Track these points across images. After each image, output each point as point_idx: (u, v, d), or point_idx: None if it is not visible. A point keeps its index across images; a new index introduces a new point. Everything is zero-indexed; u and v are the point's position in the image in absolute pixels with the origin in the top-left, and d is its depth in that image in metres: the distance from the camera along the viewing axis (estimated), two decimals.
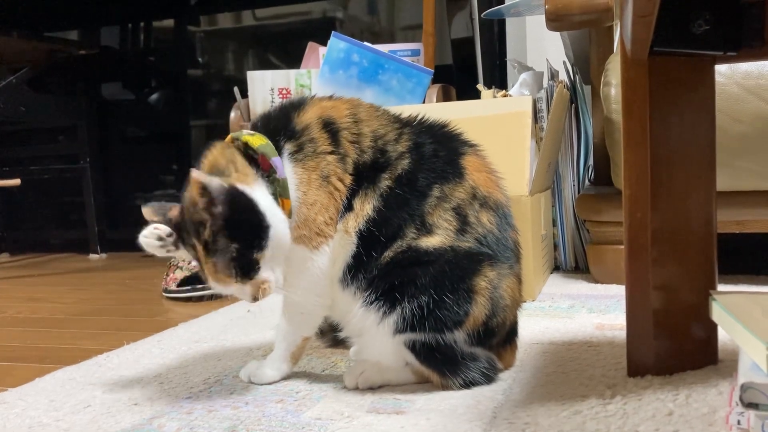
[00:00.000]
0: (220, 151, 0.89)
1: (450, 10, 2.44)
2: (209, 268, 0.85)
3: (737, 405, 0.64)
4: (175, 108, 3.00)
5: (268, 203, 0.86)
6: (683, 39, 0.81)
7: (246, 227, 0.83)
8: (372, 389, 0.90)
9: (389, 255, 0.87)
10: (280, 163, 0.88)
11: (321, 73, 1.79)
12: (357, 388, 0.90)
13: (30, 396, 0.97)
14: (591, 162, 1.82)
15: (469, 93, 1.88)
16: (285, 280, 0.89)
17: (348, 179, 0.89)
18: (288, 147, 0.90)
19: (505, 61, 2.26)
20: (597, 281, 1.59)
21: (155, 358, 1.13)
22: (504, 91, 1.69)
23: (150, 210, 0.91)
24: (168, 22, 3.02)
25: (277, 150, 0.89)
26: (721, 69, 1.31)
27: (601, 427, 0.73)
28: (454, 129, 0.96)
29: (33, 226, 3.11)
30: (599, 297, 1.43)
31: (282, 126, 0.91)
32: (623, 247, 0.90)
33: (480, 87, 1.75)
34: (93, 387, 0.99)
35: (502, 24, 2.32)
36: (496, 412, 0.80)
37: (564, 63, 1.93)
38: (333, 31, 1.79)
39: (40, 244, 3.08)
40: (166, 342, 1.24)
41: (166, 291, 1.75)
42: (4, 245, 3.06)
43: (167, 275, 1.76)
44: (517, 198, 1.35)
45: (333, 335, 1.06)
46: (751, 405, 0.63)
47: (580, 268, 1.77)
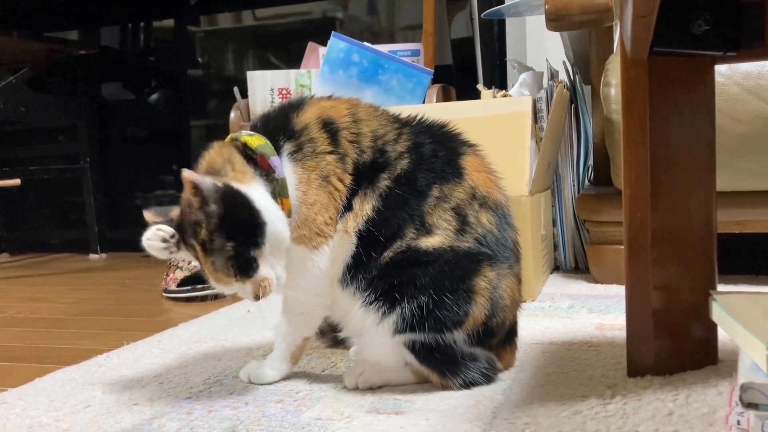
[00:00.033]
0: (217, 151, 0.89)
1: (450, 10, 2.43)
2: (209, 267, 0.85)
3: (737, 405, 0.64)
4: (175, 108, 3.00)
5: (264, 201, 0.85)
6: (683, 39, 0.81)
7: (241, 225, 0.83)
8: (372, 389, 0.90)
9: (389, 255, 0.87)
10: (278, 163, 0.88)
11: (321, 73, 1.79)
12: (357, 388, 0.90)
13: (30, 396, 0.97)
14: (591, 162, 1.82)
15: (469, 93, 1.88)
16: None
17: (347, 179, 0.89)
18: (287, 147, 0.90)
19: (505, 61, 2.25)
20: (597, 281, 1.59)
21: (155, 358, 1.13)
22: (504, 92, 1.69)
23: (151, 213, 0.91)
24: (168, 22, 3.01)
25: (277, 150, 0.89)
26: (721, 69, 1.31)
27: (601, 427, 0.73)
28: (453, 129, 0.96)
29: (33, 226, 3.10)
30: (599, 297, 1.43)
31: (281, 126, 0.91)
32: (623, 247, 0.90)
33: (480, 87, 1.75)
34: (93, 387, 0.99)
35: (502, 24, 2.32)
36: (495, 412, 0.80)
37: (564, 63, 1.93)
38: (333, 31, 1.79)
39: (40, 244, 3.07)
40: (166, 342, 1.24)
41: (166, 291, 1.75)
42: (4, 245, 3.06)
43: (167, 275, 1.76)
44: (517, 198, 1.35)
45: (333, 335, 1.06)
46: (751, 405, 0.63)
47: (580, 268, 1.77)
